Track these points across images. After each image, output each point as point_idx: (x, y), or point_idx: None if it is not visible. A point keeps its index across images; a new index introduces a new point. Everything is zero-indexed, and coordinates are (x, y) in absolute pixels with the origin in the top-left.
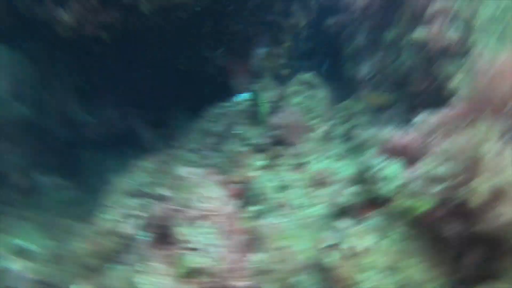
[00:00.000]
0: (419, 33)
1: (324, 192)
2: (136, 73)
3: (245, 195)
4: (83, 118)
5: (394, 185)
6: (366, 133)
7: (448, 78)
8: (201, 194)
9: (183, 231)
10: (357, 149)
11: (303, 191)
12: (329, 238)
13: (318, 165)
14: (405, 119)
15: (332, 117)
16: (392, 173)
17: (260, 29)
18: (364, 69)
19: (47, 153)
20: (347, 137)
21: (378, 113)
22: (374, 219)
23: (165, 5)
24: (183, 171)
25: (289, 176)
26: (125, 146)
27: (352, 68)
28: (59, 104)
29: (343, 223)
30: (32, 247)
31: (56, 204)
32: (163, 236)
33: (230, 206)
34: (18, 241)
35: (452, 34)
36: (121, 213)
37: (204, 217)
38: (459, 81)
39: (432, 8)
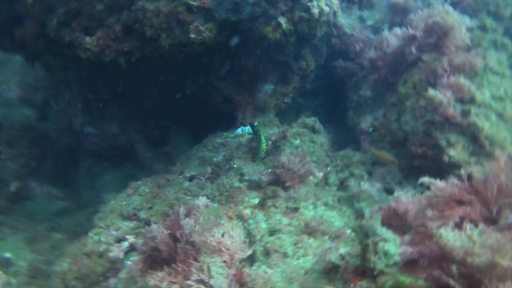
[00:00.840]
0: (426, 99)
1: (315, 242)
2: (143, 93)
3: None
4: (86, 130)
5: (391, 261)
6: (361, 186)
7: (449, 147)
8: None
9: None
10: (351, 201)
11: (295, 238)
12: None
13: (312, 212)
14: (401, 178)
15: (330, 163)
16: (391, 248)
17: (270, 67)
18: (367, 121)
19: (45, 161)
20: (343, 186)
21: (376, 167)
22: None
23: (185, 41)
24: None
25: (282, 219)
26: (125, 162)
27: (355, 117)
28: (64, 113)
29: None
30: (19, 262)
31: (48, 215)
32: (153, 265)
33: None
34: (7, 255)
35: (458, 107)
36: (113, 236)
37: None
38: (459, 153)
39: (443, 80)
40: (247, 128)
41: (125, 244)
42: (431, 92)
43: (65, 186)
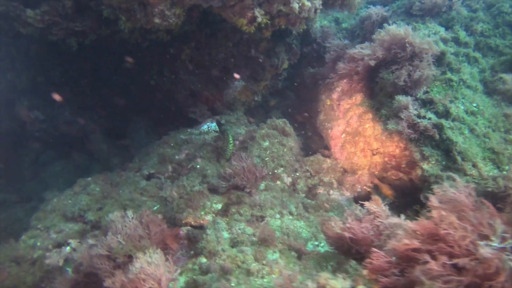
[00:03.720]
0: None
1: (281, 258)
2: (102, 79)
3: (194, 244)
4: (32, 114)
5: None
6: (329, 196)
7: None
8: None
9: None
10: (319, 211)
11: (258, 251)
12: None
13: (277, 221)
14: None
15: (298, 169)
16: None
17: (241, 62)
18: (337, 127)
19: None
20: (311, 193)
21: (346, 175)
22: None
23: (148, 26)
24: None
25: (246, 229)
26: (76, 153)
27: (326, 120)
28: (5, 95)
29: None
30: None
31: None
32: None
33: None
34: None
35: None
36: (53, 239)
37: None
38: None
39: None
40: (213, 125)
41: (66, 250)
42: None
43: (5, 175)
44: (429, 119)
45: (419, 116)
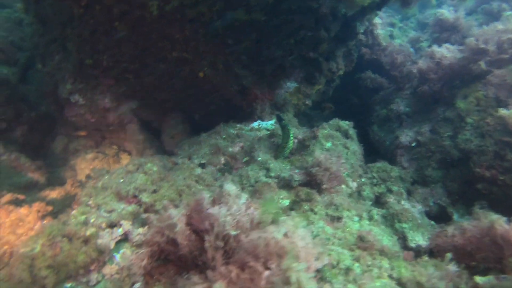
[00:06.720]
0: (496, 117)
1: (377, 262)
2: (149, 67)
3: None
4: (72, 98)
5: None
6: (401, 205)
7: None
8: None
9: None
10: (392, 220)
11: (350, 253)
12: None
13: (356, 224)
14: (448, 203)
15: (364, 174)
16: None
17: (298, 62)
18: (407, 136)
19: (18, 126)
20: (380, 202)
21: (417, 186)
22: None
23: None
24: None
25: (326, 228)
26: (109, 142)
27: (381, 132)
28: (50, 77)
29: None
30: None
31: (12, 188)
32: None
33: None
34: None
35: None
36: (105, 218)
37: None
38: None
39: None
40: (265, 123)
41: (119, 231)
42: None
43: (37, 158)
44: None
45: None
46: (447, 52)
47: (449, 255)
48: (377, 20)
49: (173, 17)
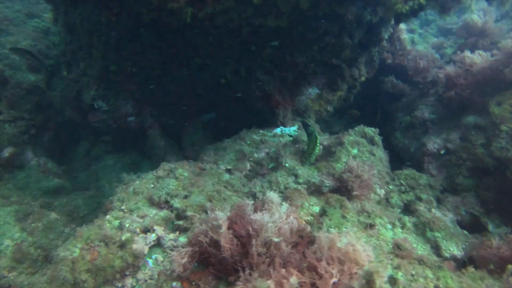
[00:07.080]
0: None
1: (420, 271)
2: (172, 73)
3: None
4: (96, 104)
5: None
6: (432, 214)
7: None
8: None
9: None
10: (423, 229)
11: (389, 262)
12: None
13: (389, 232)
14: (481, 213)
15: (390, 181)
16: None
17: (320, 69)
18: (435, 143)
19: (46, 131)
20: (409, 210)
21: (447, 194)
22: None
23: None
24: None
25: (361, 236)
26: (129, 148)
27: (404, 139)
28: (75, 84)
29: None
30: (3, 240)
31: (40, 192)
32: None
33: None
34: None
35: None
36: (139, 223)
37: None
38: None
39: None
40: (287, 129)
41: (152, 237)
42: None
43: (62, 162)
44: None
45: None
46: (479, 58)
47: (510, 267)
48: (402, 26)
49: (201, 24)
